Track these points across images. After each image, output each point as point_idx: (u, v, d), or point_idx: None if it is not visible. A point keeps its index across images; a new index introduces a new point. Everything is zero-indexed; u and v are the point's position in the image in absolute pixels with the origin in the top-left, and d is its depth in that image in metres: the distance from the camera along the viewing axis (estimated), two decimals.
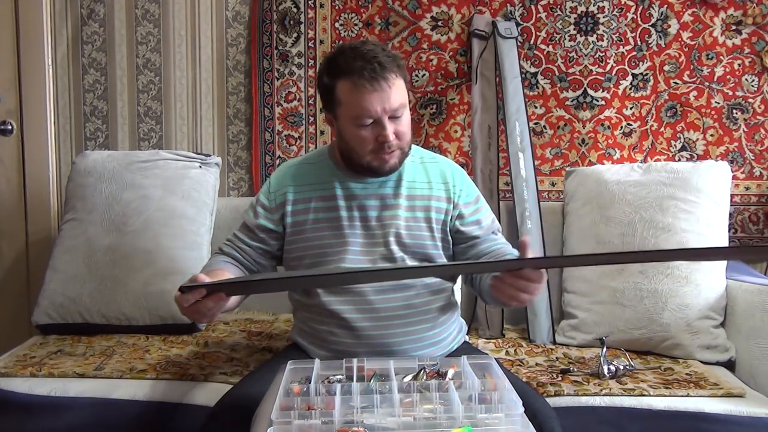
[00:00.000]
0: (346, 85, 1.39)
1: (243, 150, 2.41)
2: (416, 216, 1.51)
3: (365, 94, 1.36)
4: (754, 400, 1.56)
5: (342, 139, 1.47)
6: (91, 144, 2.45)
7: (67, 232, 2.06)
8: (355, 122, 1.40)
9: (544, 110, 2.28)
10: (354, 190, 1.50)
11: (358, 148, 1.44)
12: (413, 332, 1.48)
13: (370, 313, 1.46)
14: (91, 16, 2.41)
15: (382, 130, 1.39)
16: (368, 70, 1.36)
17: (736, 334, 1.81)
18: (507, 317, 2.07)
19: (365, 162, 1.45)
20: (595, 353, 1.80)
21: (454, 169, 1.59)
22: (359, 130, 1.41)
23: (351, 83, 1.38)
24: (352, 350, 1.45)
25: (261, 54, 2.33)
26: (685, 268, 1.85)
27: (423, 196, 1.53)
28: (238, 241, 1.57)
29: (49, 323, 1.98)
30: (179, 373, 1.66)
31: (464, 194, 1.56)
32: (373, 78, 1.36)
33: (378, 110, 1.37)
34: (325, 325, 1.49)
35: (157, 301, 1.95)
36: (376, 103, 1.37)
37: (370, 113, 1.38)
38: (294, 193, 1.53)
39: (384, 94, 1.37)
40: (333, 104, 1.44)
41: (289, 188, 1.54)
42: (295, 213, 1.52)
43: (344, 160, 1.51)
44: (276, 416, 1.07)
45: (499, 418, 1.08)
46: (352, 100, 1.39)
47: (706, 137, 2.23)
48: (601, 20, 2.23)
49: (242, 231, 1.58)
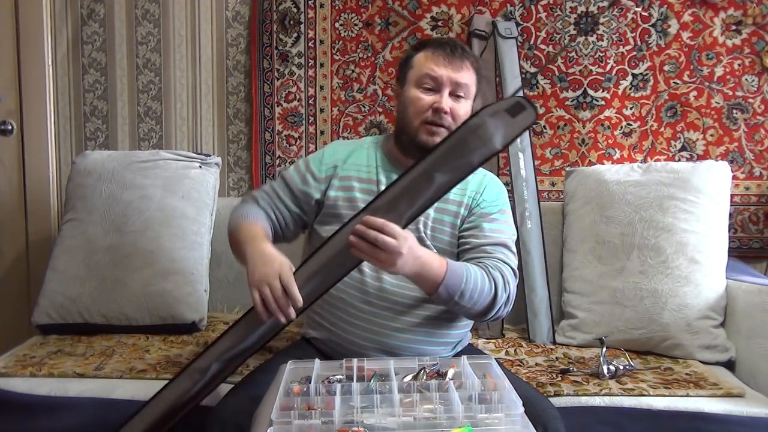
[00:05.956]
0: (427, 53, 1.50)
1: (243, 150, 2.41)
2: (443, 219, 1.52)
3: (438, 59, 1.48)
4: (754, 400, 1.56)
5: (401, 105, 1.53)
6: (91, 144, 2.45)
7: (67, 232, 2.06)
8: (419, 82, 1.49)
9: (544, 110, 2.28)
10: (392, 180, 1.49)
11: (413, 113, 1.49)
12: (425, 325, 1.48)
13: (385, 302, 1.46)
14: (91, 16, 2.41)
15: (441, 98, 1.46)
16: (450, 45, 1.50)
17: (736, 334, 1.81)
18: (507, 317, 2.06)
19: (414, 130, 1.49)
20: (594, 353, 1.80)
21: (491, 181, 1.59)
22: (420, 93, 1.49)
23: (431, 51, 1.50)
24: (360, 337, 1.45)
25: (261, 54, 2.33)
26: (684, 268, 1.85)
27: (455, 201, 1.53)
28: (278, 200, 1.57)
29: (49, 323, 1.98)
30: None
31: (485, 203, 1.54)
32: (453, 50, 1.48)
33: (443, 75, 1.47)
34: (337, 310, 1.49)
35: (157, 301, 1.95)
36: (444, 69, 1.47)
37: (434, 74, 1.47)
38: (342, 170, 1.56)
39: (453, 66, 1.48)
40: (405, 71, 1.53)
41: (340, 163, 1.57)
42: (339, 189, 1.54)
43: (396, 140, 1.55)
44: (276, 416, 1.07)
45: (499, 418, 1.08)
46: (424, 63, 1.49)
47: (706, 137, 2.23)
48: (601, 20, 2.23)
49: (284, 191, 1.57)
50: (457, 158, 1.35)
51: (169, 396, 1.39)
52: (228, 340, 1.38)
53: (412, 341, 1.47)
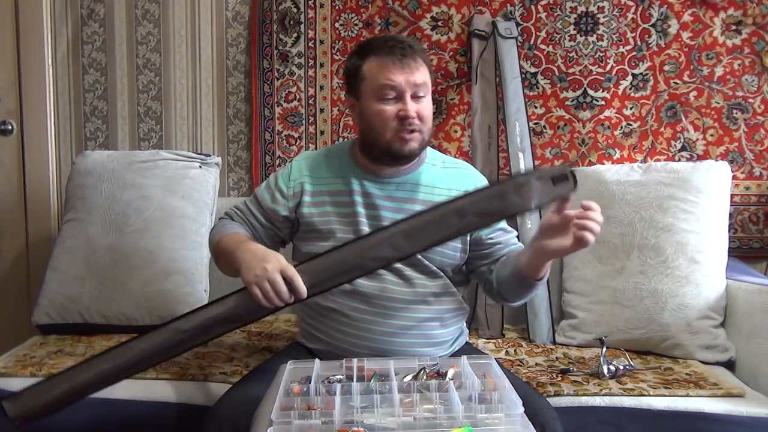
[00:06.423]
0: (375, 61, 1.44)
1: (243, 150, 2.41)
2: None
3: (391, 66, 1.42)
4: (754, 400, 1.56)
5: (364, 119, 1.48)
6: (91, 144, 2.45)
7: (67, 232, 2.06)
8: (378, 95, 1.43)
9: (544, 110, 2.28)
10: (370, 189, 1.50)
11: (380, 126, 1.44)
12: (417, 327, 1.48)
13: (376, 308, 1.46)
14: (91, 16, 2.41)
15: (405, 105, 1.42)
16: (398, 48, 1.43)
17: (736, 334, 1.81)
18: (507, 317, 2.07)
19: (386, 142, 1.45)
20: (595, 353, 1.80)
21: (477, 178, 1.59)
22: (382, 105, 1.43)
23: (379, 59, 1.43)
24: (355, 345, 1.45)
25: (261, 54, 2.33)
26: (684, 268, 1.85)
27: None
28: (251, 216, 1.56)
29: (49, 323, 1.98)
30: (179, 373, 1.66)
31: None
32: (402, 55, 1.42)
33: (402, 81, 1.41)
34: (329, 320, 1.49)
35: (157, 301, 1.95)
36: (400, 75, 1.41)
37: (393, 83, 1.41)
38: (312, 185, 1.53)
39: (409, 69, 1.42)
40: (357, 83, 1.47)
41: (307, 179, 1.54)
42: (310, 205, 1.52)
43: (364, 150, 1.51)
44: (276, 416, 1.07)
45: (499, 418, 1.08)
46: (378, 73, 1.43)
47: (706, 137, 2.23)
48: (601, 20, 2.23)
49: (256, 208, 1.57)
50: (492, 206, 1.37)
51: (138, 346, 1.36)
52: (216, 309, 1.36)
53: (407, 345, 1.47)
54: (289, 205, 1.53)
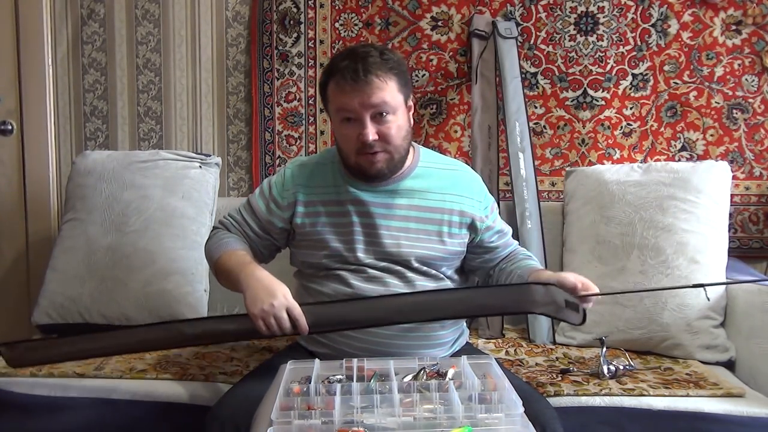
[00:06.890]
0: (333, 83, 1.42)
1: (243, 150, 2.41)
2: (427, 229, 1.49)
3: (347, 89, 1.38)
4: (754, 400, 1.56)
5: (335, 134, 1.50)
6: (91, 144, 2.45)
7: (67, 232, 2.06)
8: (339, 116, 1.42)
9: (544, 110, 2.28)
10: (363, 197, 1.49)
11: (345, 147, 1.46)
12: (418, 329, 1.48)
13: None
14: (91, 16, 2.41)
15: (362, 129, 1.39)
16: (350, 69, 1.37)
17: (736, 334, 1.81)
18: (507, 317, 2.07)
19: (353, 162, 1.45)
20: (595, 353, 1.80)
21: (472, 179, 1.59)
22: (343, 128, 1.43)
23: (335, 82, 1.41)
24: (355, 347, 1.45)
25: (261, 54, 2.33)
26: (684, 268, 1.85)
27: (436, 208, 1.50)
28: (246, 227, 1.56)
29: (49, 323, 1.98)
30: (179, 373, 1.66)
31: (482, 206, 1.55)
32: (354, 77, 1.36)
33: (355, 106, 1.38)
34: None
35: (157, 301, 1.95)
36: (353, 99, 1.38)
37: (347, 108, 1.39)
38: (305, 195, 1.52)
39: (362, 91, 1.37)
40: (325, 102, 1.47)
41: (300, 188, 1.53)
42: (304, 215, 1.51)
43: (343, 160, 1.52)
44: (276, 416, 1.07)
45: (499, 418, 1.08)
46: (335, 97, 1.42)
47: (706, 137, 2.23)
48: (601, 20, 2.23)
49: (252, 219, 1.56)
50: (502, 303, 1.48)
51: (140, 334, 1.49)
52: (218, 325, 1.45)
53: (407, 346, 1.46)
54: (284, 216, 1.53)
